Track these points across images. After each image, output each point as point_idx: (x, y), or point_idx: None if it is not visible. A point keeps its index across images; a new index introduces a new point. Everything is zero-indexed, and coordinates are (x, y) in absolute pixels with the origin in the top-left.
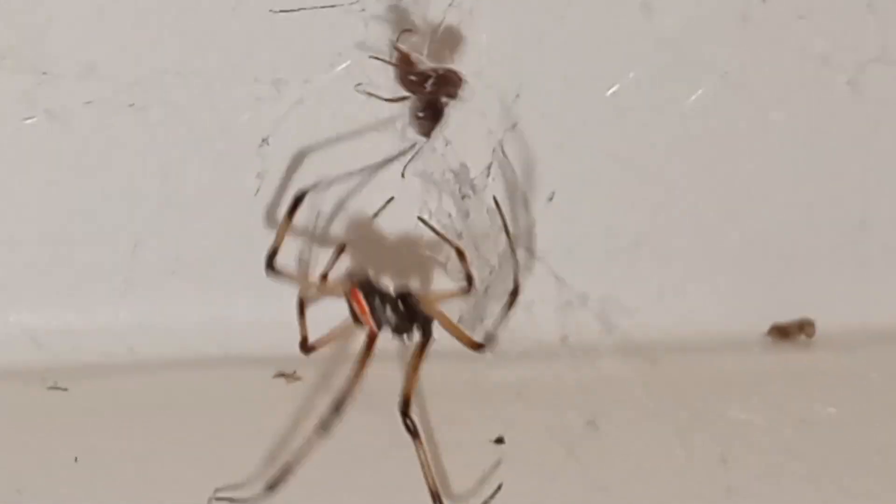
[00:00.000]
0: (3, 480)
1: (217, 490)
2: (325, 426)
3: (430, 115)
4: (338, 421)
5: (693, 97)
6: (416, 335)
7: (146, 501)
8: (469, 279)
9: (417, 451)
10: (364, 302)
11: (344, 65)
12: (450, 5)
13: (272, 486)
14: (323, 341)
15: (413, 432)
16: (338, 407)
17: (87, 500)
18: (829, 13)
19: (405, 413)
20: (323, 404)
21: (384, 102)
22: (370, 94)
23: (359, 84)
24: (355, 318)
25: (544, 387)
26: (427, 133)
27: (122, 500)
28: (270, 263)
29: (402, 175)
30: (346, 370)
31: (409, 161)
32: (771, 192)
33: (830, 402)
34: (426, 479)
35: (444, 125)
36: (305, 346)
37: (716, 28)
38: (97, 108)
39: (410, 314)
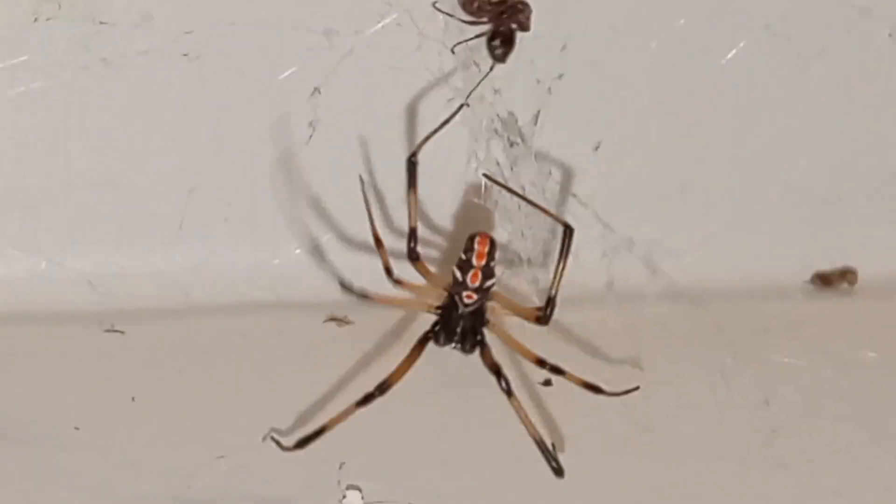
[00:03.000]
0: (62, 418)
1: (271, 430)
2: (366, 401)
3: (503, 43)
4: (379, 398)
5: (736, 48)
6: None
7: (199, 439)
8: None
9: (515, 408)
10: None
11: (394, 16)
12: None
13: (301, 445)
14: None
15: (508, 392)
16: (382, 388)
17: (143, 436)
18: None
19: (498, 374)
20: (373, 349)
21: (433, 52)
22: (448, 15)
23: (435, 1)
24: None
25: (590, 331)
26: (503, 59)
27: (176, 437)
28: (413, 252)
29: (467, 104)
30: (397, 316)
31: (474, 89)
32: (813, 142)
33: (870, 346)
34: (529, 432)
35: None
36: (392, 275)
37: None
38: (152, 57)
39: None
